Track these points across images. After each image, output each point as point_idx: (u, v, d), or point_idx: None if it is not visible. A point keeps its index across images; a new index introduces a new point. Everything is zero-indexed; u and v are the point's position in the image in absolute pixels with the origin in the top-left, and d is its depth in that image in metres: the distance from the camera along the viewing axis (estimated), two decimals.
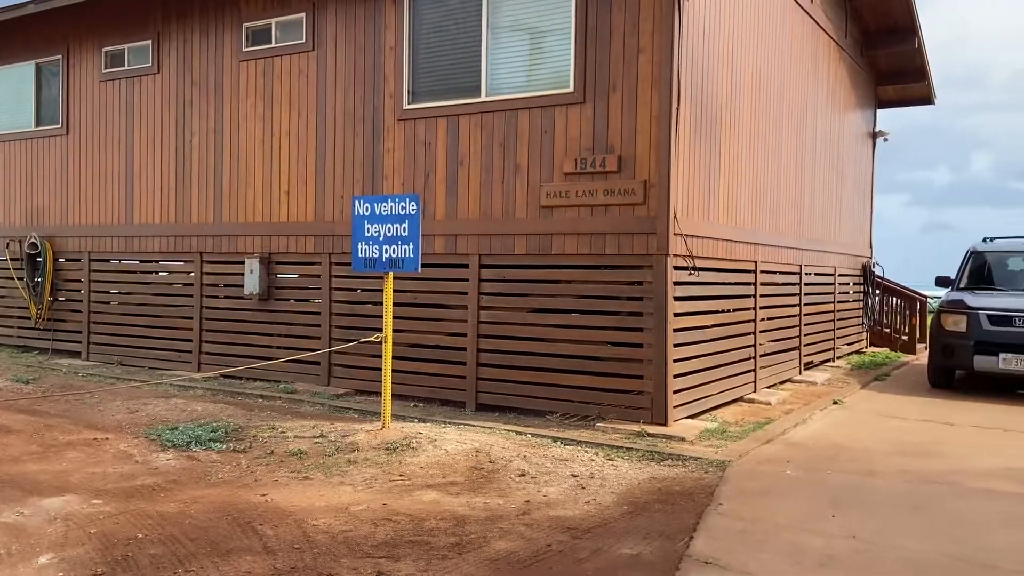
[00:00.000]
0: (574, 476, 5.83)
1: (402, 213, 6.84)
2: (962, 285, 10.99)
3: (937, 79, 14.62)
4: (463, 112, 8.37)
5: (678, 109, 7.35)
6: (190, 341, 10.52)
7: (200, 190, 10.44)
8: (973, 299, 10.17)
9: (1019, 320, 9.52)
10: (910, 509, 5.25)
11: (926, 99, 14.88)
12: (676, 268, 7.51)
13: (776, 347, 10.19)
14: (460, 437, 6.78)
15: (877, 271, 14.66)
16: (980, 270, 11.15)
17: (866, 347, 14.55)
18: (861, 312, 14.17)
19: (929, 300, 15.10)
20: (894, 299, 14.93)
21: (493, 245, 8.25)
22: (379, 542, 4.46)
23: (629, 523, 4.84)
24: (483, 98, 8.23)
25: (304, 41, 9.51)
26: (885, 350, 14.52)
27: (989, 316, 9.72)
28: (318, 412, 8.14)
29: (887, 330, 14.94)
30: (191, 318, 10.53)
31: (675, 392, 7.53)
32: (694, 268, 7.73)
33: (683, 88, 7.45)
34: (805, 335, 11.29)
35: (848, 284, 13.53)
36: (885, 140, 14.94)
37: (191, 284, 10.59)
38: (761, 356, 9.63)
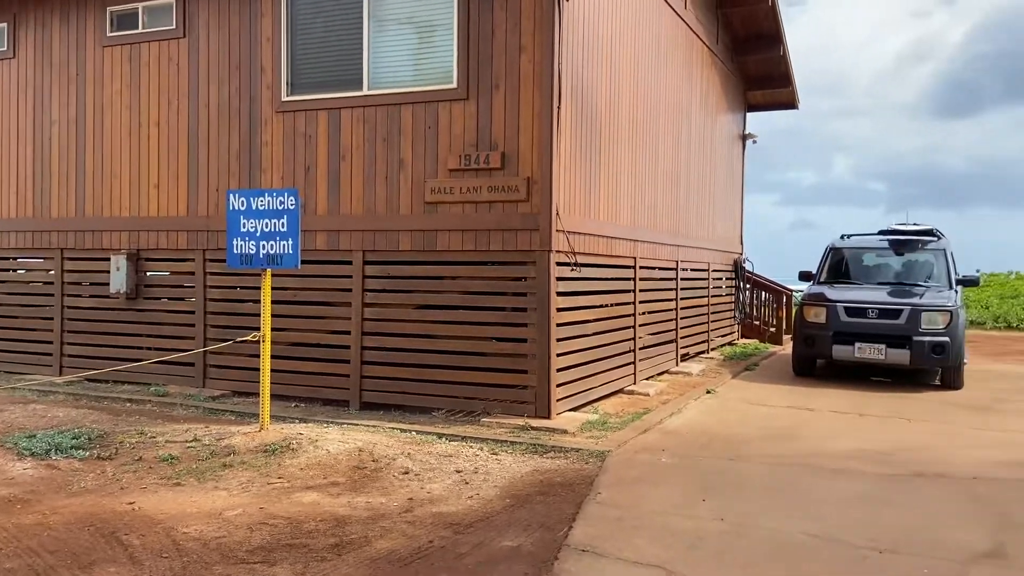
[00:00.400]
0: (458, 472, 5.85)
1: (280, 208, 6.66)
2: (822, 279, 11.72)
3: (802, 85, 15.52)
4: (345, 105, 8.22)
5: (559, 108, 7.48)
6: (51, 343, 9.87)
7: (61, 182, 9.80)
8: (832, 292, 10.87)
9: (872, 312, 10.25)
10: (774, 491, 5.56)
11: (791, 104, 15.78)
12: (558, 264, 7.65)
13: (655, 340, 10.56)
14: (343, 437, 6.67)
15: (748, 266, 15.44)
16: (838, 265, 11.92)
17: (738, 339, 15.30)
18: (733, 306, 14.89)
19: (794, 294, 16.02)
20: (763, 293, 15.78)
21: (377, 241, 8.15)
22: (254, 547, 4.33)
23: (511, 516, 4.90)
24: (365, 91, 8.12)
25: (174, 27, 9.08)
26: (755, 341, 15.31)
27: (846, 308, 10.41)
28: (192, 415, 7.81)
29: (757, 322, 15.76)
30: (51, 319, 9.88)
31: (558, 385, 7.68)
32: (576, 264, 7.90)
33: (564, 87, 7.59)
34: (682, 328, 11.74)
35: (721, 279, 14.17)
36: (754, 142, 15.74)
37: (51, 283, 9.93)
38: (641, 349, 9.95)
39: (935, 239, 11.59)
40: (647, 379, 10.22)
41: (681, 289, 11.68)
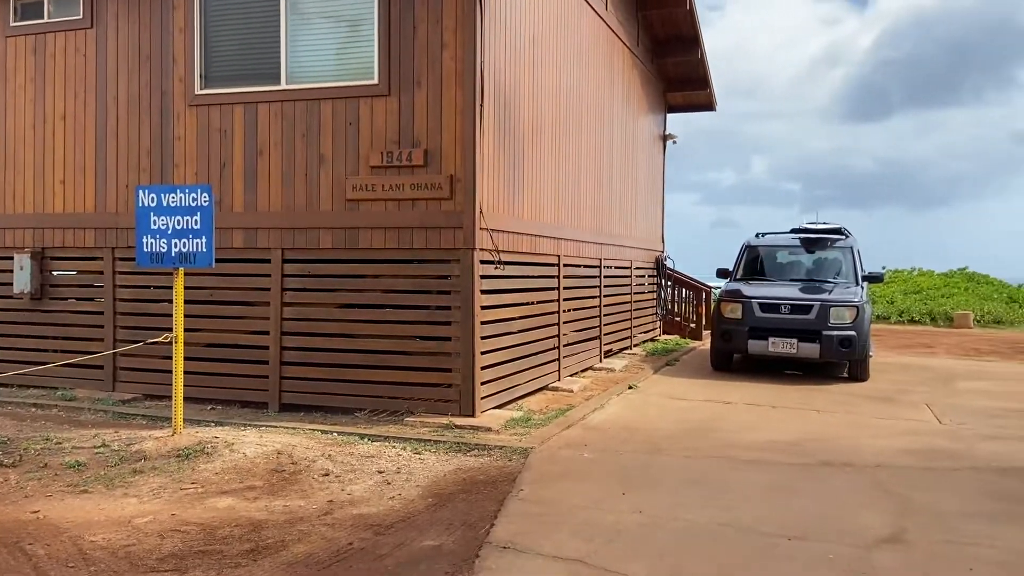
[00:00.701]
0: (380, 472, 5.80)
1: (193, 205, 6.45)
2: (738, 276, 12.07)
3: (722, 88, 16.01)
4: (262, 99, 8.03)
5: (482, 106, 7.49)
6: None
7: None
8: (748, 289, 11.21)
9: (785, 307, 10.61)
10: (691, 483, 5.70)
11: (709, 106, 16.19)
12: (483, 262, 7.65)
13: (579, 337, 10.68)
14: (260, 439, 6.53)
15: (669, 264, 15.78)
16: (754, 263, 12.30)
17: (660, 335, 15.62)
18: (655, 302, 15.19)
19: (713, 290, 16.45)
20: (684, 290, 16.15)
21: (297, 239, 8.00)
22: (165, 555, 4.20)
23: (433, 515, 4.89)
24: (283, 86, 7.95)
25: (81, 17, 8.70)
26: (676, 337, 15.66)
27: (761, 304, 10.75)
28: (101, 420, 7.51)
29: (678, 319, 16.12)
30: None
31: (483, 383, 7.69)
32: (500, 262, 7.92)
33: (487, 85, 7.59)
34: (605, 325, 11.92)
35: (643, 276, 14.45)
36: (674, 142, 16.09)
37: None
38: (565, 346, 10.06)
39: (843, 237, 12.07)
40: (572, 376, 10.33)
41: (605, 287, 11.85)
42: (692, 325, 15.94)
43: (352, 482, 5.56)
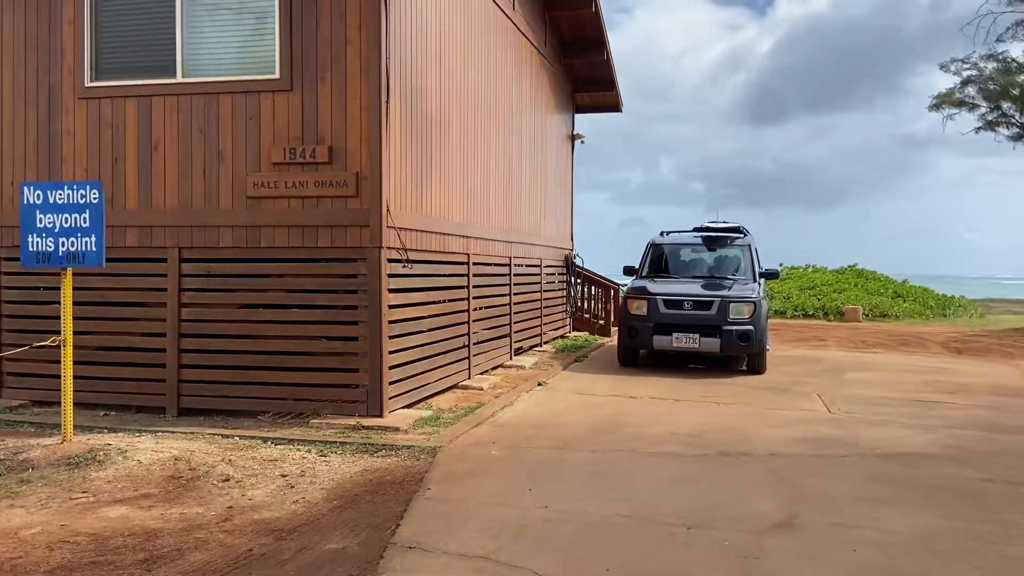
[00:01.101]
0: (283, 476, 5.68)
1: (83, 202, 6.16)
2: (644, 274, 12.38)
3: (631, 89, 16.33)
4: (157, 93, 7.74)
5: (388, 102, 7.42)
6: None
7: None
8: (653, 286, 11.51)
9: (688, 304, 10.95)
10: (596, 477, 5.82)
11: (615, 107, 16.53)
12: (390, 261, 7.59)
13: (489, 335, 10.73)
14: (157, 446, 6.29)
15: (578, 262, 16.02)
16: (658, 260, 12.64)
17: (569, 331, 15.85)
18: (565, 300, 15.41)
19: (622, 288, 16.79)
20: (593, 287, 16.42)
21: (195, 238, 7.74)
22: (54, 567, 4.00)
23: (338, 518, 4.82)
24: (179, 79, 7.68)
25: None
26: (585, 334, 15.93)
27: (665, 301, 11.06)
28: None
29: (587, 315, 16.39)
30: None
31: (391, 383, 7.63)
32: (408, 260, 7.87)
33: (393, 82, 7.53)
34: (516, 323, 12.01)
35: (553, 274, 14.63)
36: (582, 142, 16.35)
37: None
38: (475, 344, 10.09)
39: (741, 236, 12.54)
40: (482, 373, 10.37)
41: (514, 285, 11.94)
42: (601, 322, 16.24)
43: (254, 487, 5.43)
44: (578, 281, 16.15)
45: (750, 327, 10.67)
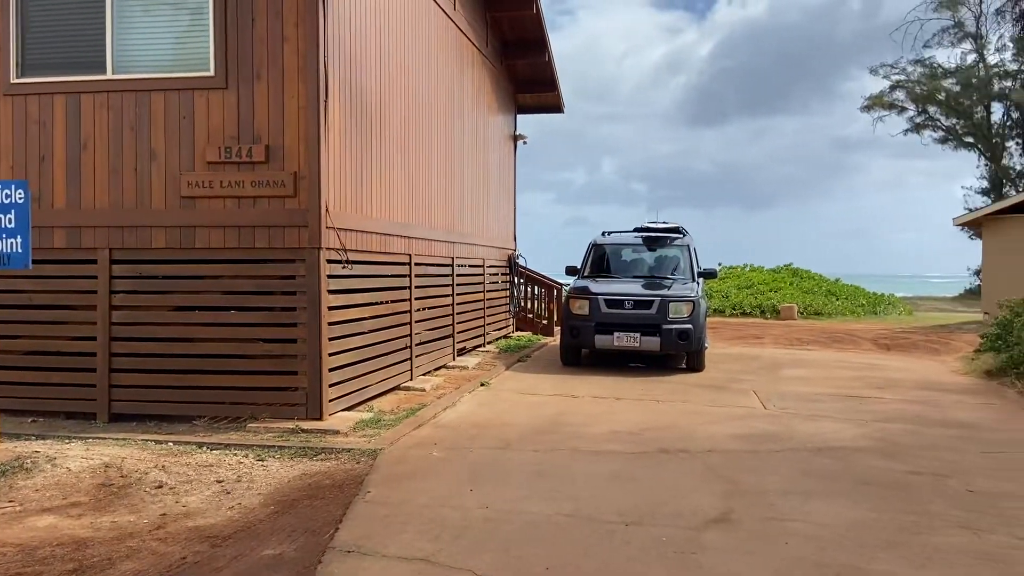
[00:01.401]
0: (219, 482, 5.56)
1: (7, 202, 5.96)
2: (586, 274, 12.50)
3: (575, 90, 16.55)
4: (86, 90, 7.49)
5: (327, 101, 7.33)
6: None
7: None
8: (595, 286, 11.62)
9: (629, 303, 11.09)
10: (537, 476, 5.85)
11: (557, 107, 16.62)
12: (330, 261, 7.50)
13: (432, 336, 10.68)
14: (87, 453, 6.10)
15: (521, 262, 16.07)
16: (600, 260, 12.77)
17: (513, 331, 15.89)
18: (508, 300, 15.44)
19: (564, 287, 16.91)
20: (536, 287, 16.49)
21: (127, 238, 7.52)
22: None
23: (275, 523, 4.75)
24: (110, 76, 7.46)
25: None
26: (529, 333, 15.99)
27: (606, 300, 11.18)
28: None
29: (531, 315, 16.46)
30: None
31: (331, 386, 7.53)
32: (348, 261, 7.79)
33: (332, 81, 7.44)
34: (459, 323, 11.99)
35: (496, 274, 14.65)
36: (524, 143, 16.41)
37: None
38: (417, 345, 10.03)
39: (680, 236, 12.76)
40: (424, 374, 10.33)
41: (457, 285, 11.92)
42: (544, 321, 16.32)
43: (188, 493, 5.30)
44: (521, 281, 16.20)
45: (689, 326, 10.86)
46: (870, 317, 23.09)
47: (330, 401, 7.50)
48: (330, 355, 7.51)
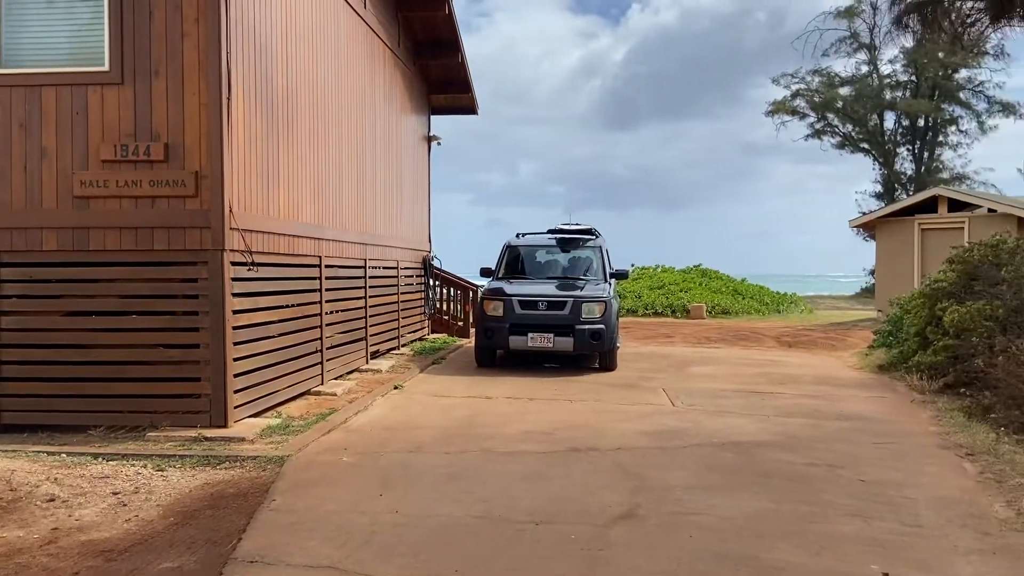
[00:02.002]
0: (115, 494, 5.33)
1: None
2: (500, 275, 12.54)
3: (491, 93, 16.57)
4: None
5: (230, 99, 7.13)
6: None
7: None
8: (509, 287, 11.68)
9: (542, 304, 11.19)
10: (449, 479, 5.83)
11: (471, 109, 16.62)
12: (234, 263, 7.29)
13: (344, 339, 10.51)
14: None
15: (436, 263, 16.00)
16: (515, 261, 12.84)
17: (429, 333, 15.81)
18: (423, 302, 15.35)
19: (480, 289, 16.92)
20: (452, 289, 16.45)
21: (15, 240, 7.13)
22: None
23: (174, 535, 4.58)
24: None
25: None
26: (444, 335, 15.94)
27: (520, 301, 11.25)
28: None
29: (447, 317, 16.41)
30: None
31: (236, 392, 7.32)
32: (253, 264, 7.59)
33: (237, 78, 7.24)
34: (372, 326, 11.85)
35: (411, 276, 14.54)
36: (438, 144, 16.34)
37: None
38: (329, 348, 9.86)
39: (593, 237, 12.96)
40: (337, 378, 10.16)
41: (370, 287, 11.76)
42: (460, 323, 16.30)
43: (82, 506, 5.06)
44: (437, 283, 16.14)
45: (601, 326, 11.04)
46: (774, 315, 23.99)
47: (235, 408, 7.30)
48: (235, 360, 7.30)
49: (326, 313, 9.78)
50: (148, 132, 7.04)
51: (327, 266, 9.84)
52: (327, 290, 9.82)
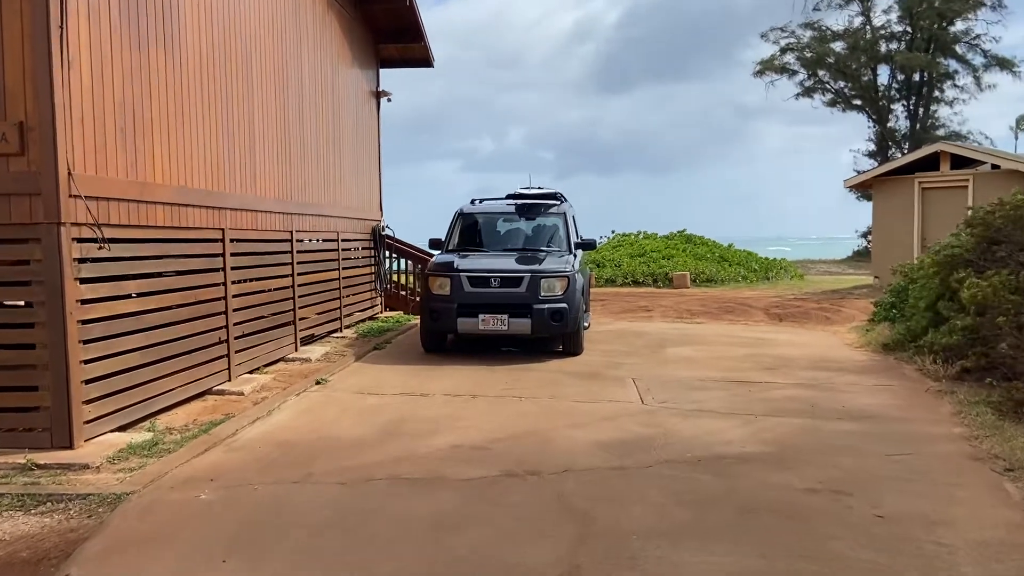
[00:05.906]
0: None
1: None
2: (451, 247, 10.98)
3: (481, 59, 14.76)
4: None
5: (66, 27, 5.50)
6: None
7: None
8: (459, 261, 10.11)
9: (495, 280, 9.63)
10: (328, 531, 4.33)
11: (426, 61, 14.86)
12: (79, 241, 5.73)
13: (261, 325, 8.97)
14: None
15: (389, 233, 14.41)
16: (468, 231, 11.27)
17: (382, 311, 14.28)
18: (373, 277, 13.78)
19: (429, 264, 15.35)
20: (408, 261, 14.86)
21: None
22: None
23: None
24: None
25: None
26: (399, 313, 14.42)
27: (470, 278, 9.69)
28: None
29: (404, 292, 14.86)
30: None
31: (89, 402, 5.82)
32: (105, 240, 6.00)
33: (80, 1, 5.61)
34: (303, 308, 10.31)
35: (357, 248, 12.97)
36: (389, 100, 14.63)
37: None
38: (238, 339, 8.32)
39: (557, 203, 11.40)
40: (252, 372, 8.66)
41: (299, 263, 10.18)
42: (417, 299, 14.74)
43: None
44: (392, 255, 14.57)
45: (563, 305, 9.52)
46: (763, 283, 22.56)
47: (87, 423, 5.78)
48: (86, 363, 5.78)
49: (233, 296, 8.21)
50: None
51: (233, 240, 8.25)
52: (234, 268, 8.24)
